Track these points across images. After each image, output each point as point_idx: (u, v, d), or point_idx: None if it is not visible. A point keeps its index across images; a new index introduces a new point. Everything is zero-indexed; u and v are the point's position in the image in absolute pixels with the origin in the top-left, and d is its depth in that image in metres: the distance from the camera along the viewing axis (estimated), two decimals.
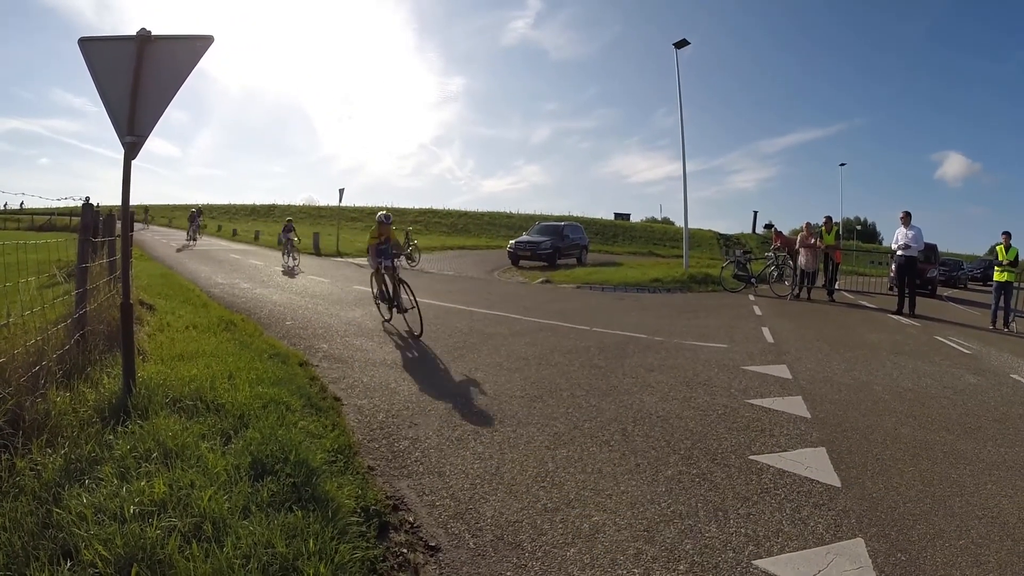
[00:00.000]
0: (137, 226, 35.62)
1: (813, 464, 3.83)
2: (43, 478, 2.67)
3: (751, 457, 3.91)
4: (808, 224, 14.20)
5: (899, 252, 12.03)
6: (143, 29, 3.80)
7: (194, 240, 27.77)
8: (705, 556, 2.73)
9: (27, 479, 2.65)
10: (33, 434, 3.00)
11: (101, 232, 6.23)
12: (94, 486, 2.62)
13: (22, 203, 45.43)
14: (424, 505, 3.13)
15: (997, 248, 11.39)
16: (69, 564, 2.11)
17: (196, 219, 29.71)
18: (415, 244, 20.27)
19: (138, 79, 3.79)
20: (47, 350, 3.76)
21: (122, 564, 2.12)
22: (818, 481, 3.58)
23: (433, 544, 2.77)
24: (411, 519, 2.97)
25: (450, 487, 3.34)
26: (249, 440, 3.23)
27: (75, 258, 4.57)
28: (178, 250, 21.83)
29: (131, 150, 3.84)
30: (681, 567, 2.64)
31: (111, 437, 3.12)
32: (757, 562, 2.69)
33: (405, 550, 2.67)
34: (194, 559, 2.17)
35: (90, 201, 4.63)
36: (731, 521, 3.06)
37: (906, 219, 12.01)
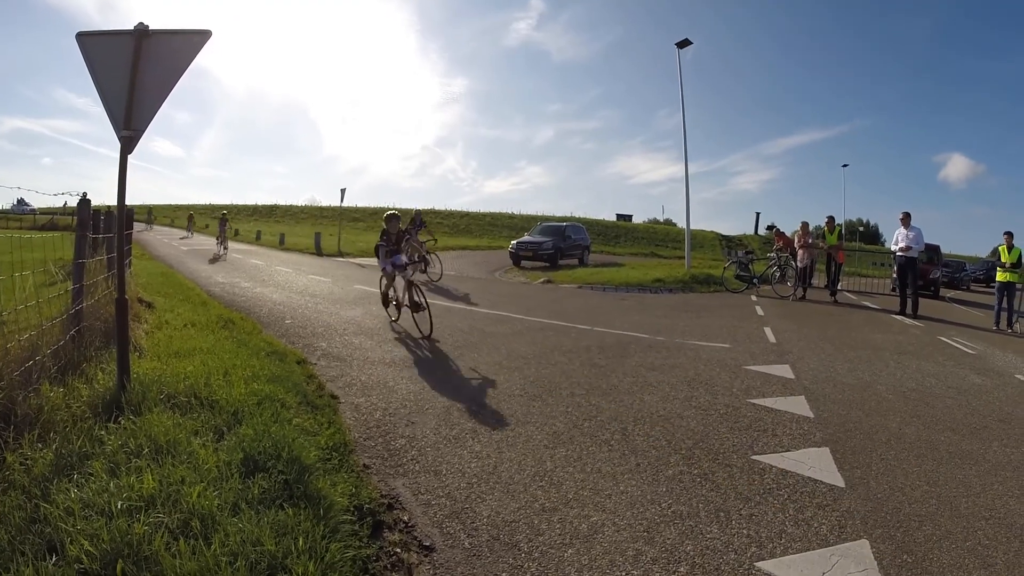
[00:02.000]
0: (139, 226, 35.31)
1: (816, 464, 3.77)
2: (33, 473, 2.64)
3: (753, 457, 3.85)
4: (804, 224, 14.15)
5: (899, 253, 11.94)
6: (140, 23, 3.77)
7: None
8: (706, 558, 2.67)
9: (16, 473, 2.62)
10: (24, 428, 2.97)
11: (101, 229, 6.21)
12: (83, 481, 2.58)
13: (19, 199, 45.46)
14: (419, 504, 3.08)
15: (1000, 249, 11.29)
16: (54, 559, 2.07)
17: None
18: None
19: (135, 73, 3.75)
20: (41, 345, 3.72)
21: (107, 560, 2.08)
22: (822, 481, 3.53)
23: (428, 544, 2.72)
24: (406, 518, 2.92)
25: (446, 486, 3.28)
26: (242, 436, 3.17)
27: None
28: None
29: (127, 144, 3.80)
30: (682, 569, 2.59)
31: (102, 432, 3.08)
32: (760, 564, 2.64)
33: (399, 550, 2.62)
34: (180, 556, 2.13)
35: (87, 197, 4.60)
36: (733, 522, 3.00)
37: (906, 220, 11.90)
